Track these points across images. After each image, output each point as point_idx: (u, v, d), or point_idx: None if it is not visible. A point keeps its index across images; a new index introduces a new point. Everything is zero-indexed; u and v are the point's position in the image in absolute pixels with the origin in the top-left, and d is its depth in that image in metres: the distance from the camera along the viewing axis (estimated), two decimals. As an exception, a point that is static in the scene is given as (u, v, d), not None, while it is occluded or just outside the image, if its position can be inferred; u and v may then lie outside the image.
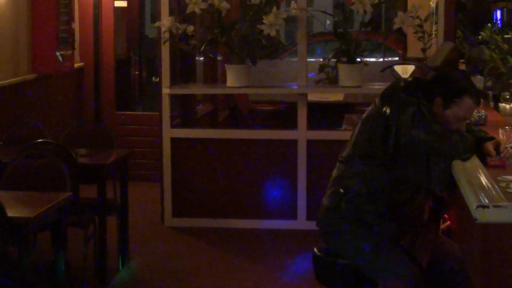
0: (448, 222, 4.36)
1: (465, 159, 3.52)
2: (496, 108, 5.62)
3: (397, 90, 3.74)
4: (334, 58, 6.94)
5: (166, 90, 6.84)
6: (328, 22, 9.00)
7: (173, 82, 6.98)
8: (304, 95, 6.81)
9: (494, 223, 2.83)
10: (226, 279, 5.75)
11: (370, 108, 3.80)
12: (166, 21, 6.58)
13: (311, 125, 6.88)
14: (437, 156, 3.62)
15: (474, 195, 2.91)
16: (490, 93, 6.02)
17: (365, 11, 6.36)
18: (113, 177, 6.00)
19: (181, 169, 6.89)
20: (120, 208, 5.86)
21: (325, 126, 7.94)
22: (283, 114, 9.37)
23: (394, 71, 6.21)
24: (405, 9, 6.85)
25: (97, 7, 8.64)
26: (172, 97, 6.97)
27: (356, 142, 3.77)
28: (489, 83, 6.25)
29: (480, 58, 6.69)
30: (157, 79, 7.07)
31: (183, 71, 7.91)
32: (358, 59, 6.64)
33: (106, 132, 6.27)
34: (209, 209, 6.90)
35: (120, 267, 5.85)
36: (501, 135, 3.72)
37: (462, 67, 7.09)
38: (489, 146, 3.55)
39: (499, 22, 10.59)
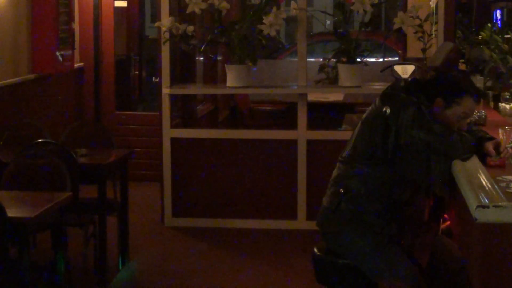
0: (448, 222, 4.36)
1: (465, 159, 3.52)
2: (496, 108, 5.62)
3: (397, 90, 3.74)
4: (334, 58, 6.94)
5: (166, 90, 6.84)
6: (328, 22, 9.00)
7: (173, 82, 6.98)
8: (304, 95, 6.81)
9: (494, 223, 2.83)
10: (226, 279, 5.75)
11: (370, 108, 3.80)
12: (166, 21, 6.59)
13: (311, 125, 6.88)
14: (437, 156, 3.62)
15: (474, 195, 2.91)
16: (490, 93, 6.02)
17: (365, 11, 6.37)
18: (113, 177, 6.00)
19: (181, 169, 6.90)
20: (120, 208, 5.86)
21: (325, 126, 7.94)
22: (283, 114, 9.37)
23: (394, 71, 6.21)
24: (405, 9, 6.86)
25: (97, 7, 8.64)
26: (172, 97, 6.97)
27: (356, 142, 3.77)
28: (489, 83, 6.25)
29: (480, 58, 6.69)
30: (157, 79, 7.07)
31: (183, 71, 7.91)
32: (358, 59, 6.64)
33: (106, 132, 6.27)
34: (209, 209, 6.90)
35: (120, 267, 5.85)
36: (501, 135, 3.72)
37: (462, 67, 7.08)
38: (489, 146, 3.56)
39: (499, 22, 10.59)
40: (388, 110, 3.64)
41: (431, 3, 7.01)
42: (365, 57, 6.71)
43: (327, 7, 14.19)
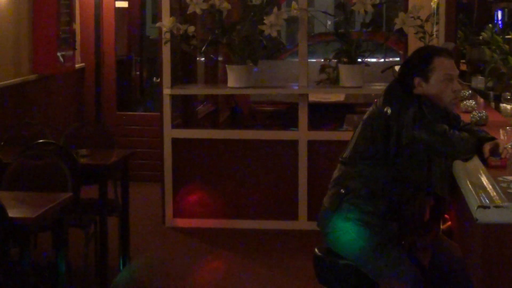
0: (449, 223, 4.36)
1: (466, 160, 3.52)
2: (497, 108, 5.62)
3: (398, 90, 3.74)
4: (335, 59, 6.94)
5: (167, 91, 6.84)
6: (329, 22, 8.99)
7: (174, 82, 6.98)
8: (305, 96, 6.81)
9: (494, 224, 2.83)
10: (227, 279, 5.75)
11: (371, 108, 3.80)
12: (167, 21, 6.59)
13: (312, 126, 6.88)
14: (438, 156, 3.62)
15: (475, 195, 2.90)
16: (491, 93, 6.02)
17: (366, 12, 6.37)
18: (114, 177, 6.00)
19: (182, 169, 6.90)
20: (121, 209, 5.86)
21: (326, 126, 7.94)
22: (284, 115, 9.37)
23: (395, 71, 6.21)
24: (406, 10, 6.85)
25: (98, 7, 8.64)
26: (173, 97, 6.97)
27: (357, 143, 3.77)
28: (490, 84, 6.25)
29: (481, 59, 6.69)
30: (158, 80, 7.08)
31: (184, 72, 7.91)
32: (359, 60, 6.64)
33: (107, 133, 6.27)
34: (210, 210, 6.90)
35: (121, 268, 5.85)
36: (502, 135, 3.72)
37: (463, 67, 7.09)
38: (486, 147, 3.53)
39: (500, 22, 10.57)
40: (389, 111, 3.64)
41: (432, 3, 7.01)
42: (366, 58, 6.71)
43: (328, 7, 14.19)
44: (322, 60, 9.97)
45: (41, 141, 5.47)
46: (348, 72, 6.63)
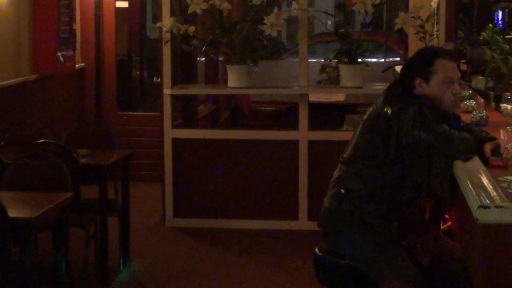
0: (449, 223, 4.36)
1: (466, 160, 3.52)
2: (498, 108, 5.61)
3: (398, 90, 3.74)
4: (335, 59, 6.94)
5: (167, 91, 6.84)
6: (329, 22, 9.00)
7: (174, 82, 6.98)
8: (305, 96, 6.81)
9: (495, 224, 2.83)
10: (227, 279, 5.75)
11: (371, 108, 3.80)
12: (167, 21, 6.59)
13: (313, 126, 6.88)
14: (438, 157, 3.62)
15: (475, 195, 2.90)
16: (492, 93, 6.02)
17: (366, 12, 6.37)
18: (114, 177, 6.00)
19: (183, 169, 6.89)
20: (121, 209, 5.86)
21: (327, 126, 7.94)
22: (284, 115, 9.37)
23: (395, 71, 6.21)
24: (406, 10, 6.85)
25: (99, 7, 8.64)
26: (174, 97, 6.98)
27: (358, 143, 3.77)
28: (490, 84, 6.25)
29: (481, 59, 6.68)
30: (159, 80, 7.08)
31: (184, 72, 7.91)
32: (360, 60, 6.64)
33: (107, 133, 6.27)
34: (211, 210, 6.90)
35: (121, 268, 5.85)
36: (502, 135, 3.71)
37: (464, 67, 7.08)
38: (487, 147, 3.54)
39: (500, 22, 10.58)
40: (389, 111, 3.64)
41: (432, 3, 7.01)
42: (366, 58, 6.71)
43: (328, 7, 14.21)
44: (322, 60, 9.97)
45: (41, 141, 5.47)
46: (348, 72, 6.63)
